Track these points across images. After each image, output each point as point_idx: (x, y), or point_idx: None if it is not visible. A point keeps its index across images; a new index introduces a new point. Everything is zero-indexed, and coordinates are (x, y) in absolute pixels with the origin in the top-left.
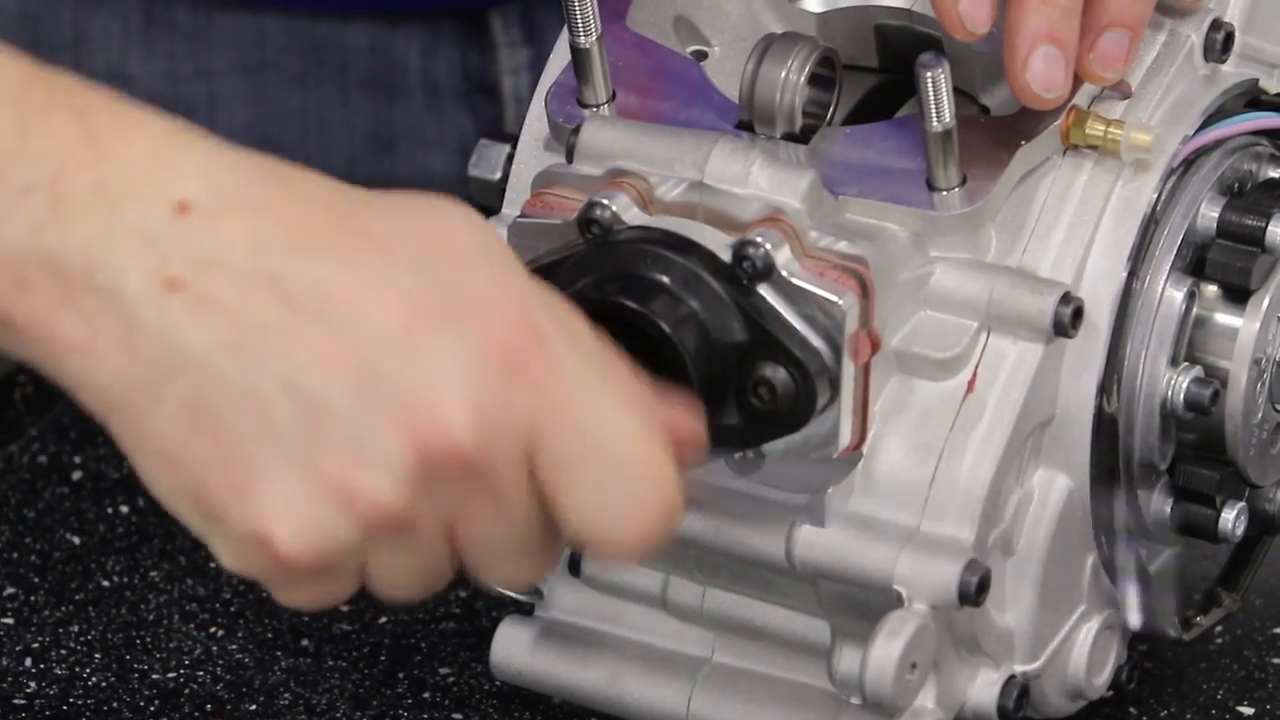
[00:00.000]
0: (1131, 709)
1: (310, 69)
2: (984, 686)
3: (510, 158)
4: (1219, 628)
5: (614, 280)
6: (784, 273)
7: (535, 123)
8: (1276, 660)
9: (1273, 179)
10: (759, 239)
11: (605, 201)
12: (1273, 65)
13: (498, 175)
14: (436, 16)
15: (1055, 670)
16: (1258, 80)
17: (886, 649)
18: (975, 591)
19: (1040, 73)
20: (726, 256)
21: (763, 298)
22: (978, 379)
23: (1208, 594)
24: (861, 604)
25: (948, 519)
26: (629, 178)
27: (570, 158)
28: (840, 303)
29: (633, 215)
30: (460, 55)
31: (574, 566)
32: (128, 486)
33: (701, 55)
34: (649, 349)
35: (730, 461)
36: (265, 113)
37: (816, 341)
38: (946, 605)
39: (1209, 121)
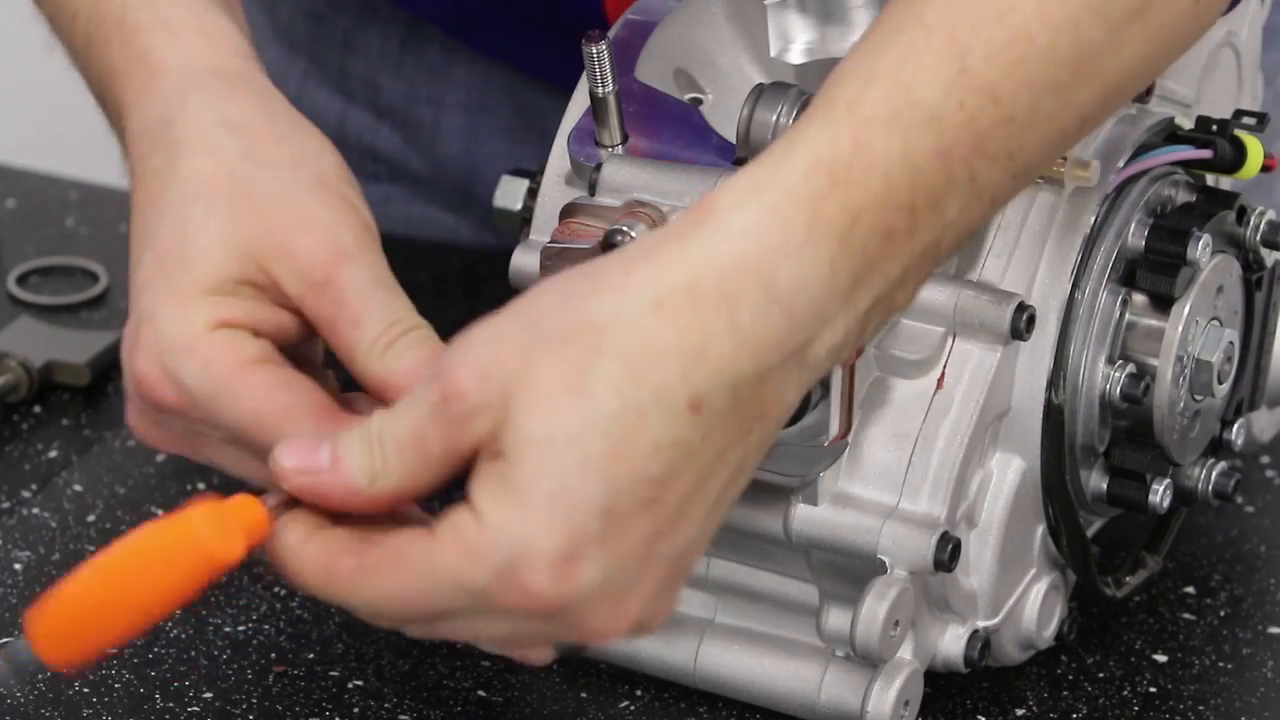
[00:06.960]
0: (1063, 657)
1: (518, 124)
2: (952, 639)
3: (530, 191)
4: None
5: None
6: None
7: (557, 161)
8: (1186, 615)
9: (1189, 202)
10: None
11: (625, 228)
12: (1185, 105)
13: (518, 206)
14: None
15: (1011, 625)
16: (1174, 118)
17: (874, 609)
18: (948, 559)
19: None
20: None
21: None
22: (946, 377)
23: (1134, 558)
24: (848, 571)
25: (922, 497)
26: (644, 208)
27: (592, 191)
28: None
29: None
30: None
31: None
32: (203, 467)
33: (697, 101)
34: None
35: None
36: (474, 150)
37: None
38: (923, 571)
39: (1136, 154)
